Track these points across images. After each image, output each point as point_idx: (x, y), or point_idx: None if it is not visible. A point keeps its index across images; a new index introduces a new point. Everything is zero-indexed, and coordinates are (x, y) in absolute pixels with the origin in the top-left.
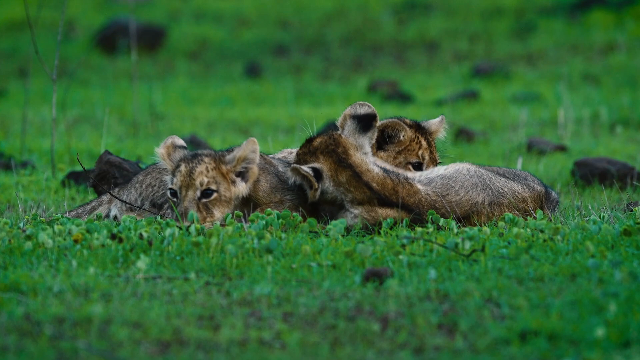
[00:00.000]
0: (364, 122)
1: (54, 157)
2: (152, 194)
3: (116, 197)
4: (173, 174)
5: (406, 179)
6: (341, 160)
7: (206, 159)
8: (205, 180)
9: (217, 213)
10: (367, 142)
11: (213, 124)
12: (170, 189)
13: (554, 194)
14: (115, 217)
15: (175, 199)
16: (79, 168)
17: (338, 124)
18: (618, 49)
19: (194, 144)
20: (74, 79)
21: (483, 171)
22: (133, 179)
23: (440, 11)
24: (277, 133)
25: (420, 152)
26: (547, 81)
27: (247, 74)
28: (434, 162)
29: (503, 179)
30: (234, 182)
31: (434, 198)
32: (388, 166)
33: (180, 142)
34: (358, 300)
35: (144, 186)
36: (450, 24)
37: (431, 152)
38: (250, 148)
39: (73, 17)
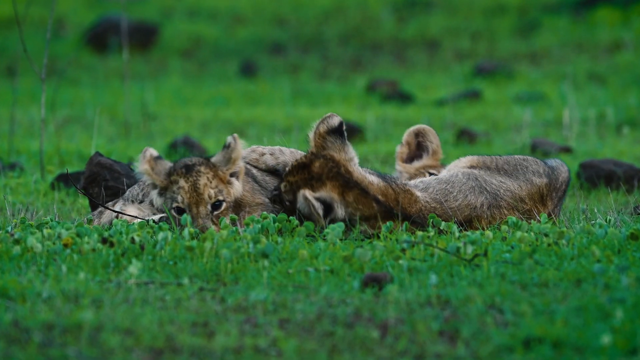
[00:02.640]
0: (341, 132)
1: (43, 159)
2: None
3: (104, 206)
4: (170, 191)
5: (404, 186)
6: (347, 181)
7: (203, 169)
8: (212, 192)
9: (226, 220)
10: (351, 149)
11: (207, 125)
12: (176, 207)
13: (562, 173)
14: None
15: (179, 216)
16: (68, 170)
17: (312, 144)
18: (624, 47)
19: (188, 145)
20: (64, 78)
21: (477, 172)
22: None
23: (442, 9)
24: (274, 134)
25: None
26: (552, 81)
27: (243, 73)
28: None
29: (499, 177)
30: (230, 183)
31: (433, 205)
32: (375, 172)
33: (156, 152)
34: (357, 307)
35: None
36: (451, 22)
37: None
38: (241, 146)
39: (63, 15)
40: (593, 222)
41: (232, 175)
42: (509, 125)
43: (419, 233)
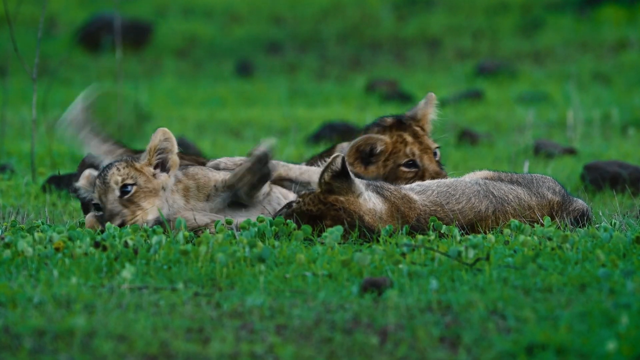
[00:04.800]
0: (345, 173)
1: (34, 161)
2: None
3: (73, 196)
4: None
5: (400, 191)
6: (352, 225)
7: (116, 164)
8: (120, 178)
9: (145, 204)
10: (356, 185)
11: (202, 126)
12: (94, 205)
13: (578, 203)
14: None
15: (101, 212)
16: (60, 172)
17: (319, 189)
18: (630, 46)
19: (183, 147)
20: (56, 78)
21: (489, 180)
22: None
23: (442, 6)
24: (270, 135)
25: (407, 150)
26: (555, 80)
27: (239, 73)
28: (427, 151)
29: (510, 185)
30: (153, 174)
31: (433, 208)
32: (374, 188)
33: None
34: (355, 312)
35: None
36: (452, 20)
37: (420, 143)
38: (159, 137)
39: (54, 13)
40: (598, 225)
41: (156, 167)
42: (512, 126)
43: (419, 237)
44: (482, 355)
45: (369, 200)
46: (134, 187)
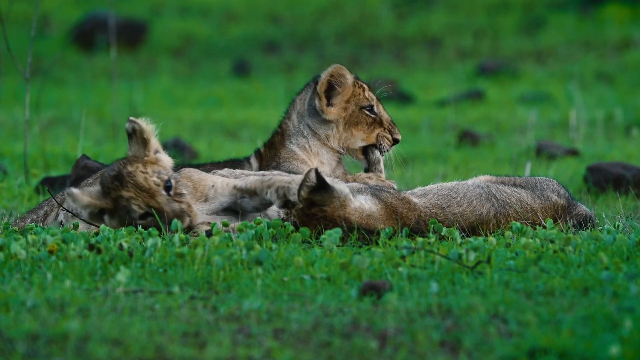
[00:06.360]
0: (322, 184)
1: (27, 162)
2: None
3: (59, 205)
4: (121, 208)
5: (399, 194)
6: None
7: (131, 168)
8: (156, 179)
9: (184, 190)
10: (339, 188)
11: (198, 126)
12: (139, 216)
13: (582, 209)
14: (61, 223)
15: (145, 221)
16: (53, 173)
17: (300, 205)
18: (634, 45)
19: (178, 148)
20: (49, 77)
21: (492, 183)
22: (82, 182)
23: (443, 5)
24: (267, 136)
25: (366, 94)
26: (558, 80)
27: (235, 73)
28: (379, 100)
29: (513, 188)
30: (160, 159)
31: (434, 211)
32: (372, 181)
33: (76, 188)
34: (354, 316)
35: None
36: (453, 19)
37: (371, 91)
38: (145, 123)
39: (48, 12)
40: (601, 227)
41: (155, 153)
42: (514, 126)
43: (419, 239)
44: (483, 359)
45: (355, 200)
46: (173, 181)
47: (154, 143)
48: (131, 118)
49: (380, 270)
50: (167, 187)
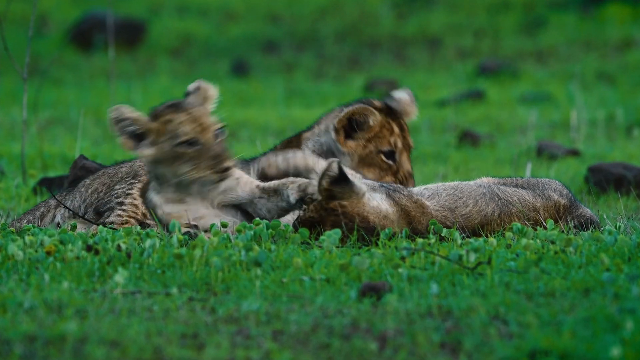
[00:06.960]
0: (343, 177)
1: (25, 162)
2: (96, 200)
3: (61, 203)
4: (166, 132)
5: (412, 196)
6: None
7: (189, 103)
8: (212, 119)
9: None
10: (357, 186)
11: None
12: (182, 142)
13: (584, 211)
14: (58, 224)
15: (193, 147)
16: (51, 174)
17: (320, 196)
18: (635, 45)
19: None
20: (47, 77)
21: (493, 183)
22: (80, 182)
23: (443, 4)
24: (267, 136)
25: (392, 139)
26: (559, 80)
27: (234, 72)
28: (408, 149)
29: (515, 188)
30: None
31: (444, 214)
32: (383, 190)
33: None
34: (354, 317)
35: (89, 191)
36: (453, 19)
37: (404, 138)
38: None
39: (46, 11)
40: (602, 228)
41: None
42: (514, 126)
43: (419, 240)
44: None
45: (372, 199)
46: (226, 130)
47: (211, 105)
48: (200, 80)
49: (380, 272)
50: (216, 135)
